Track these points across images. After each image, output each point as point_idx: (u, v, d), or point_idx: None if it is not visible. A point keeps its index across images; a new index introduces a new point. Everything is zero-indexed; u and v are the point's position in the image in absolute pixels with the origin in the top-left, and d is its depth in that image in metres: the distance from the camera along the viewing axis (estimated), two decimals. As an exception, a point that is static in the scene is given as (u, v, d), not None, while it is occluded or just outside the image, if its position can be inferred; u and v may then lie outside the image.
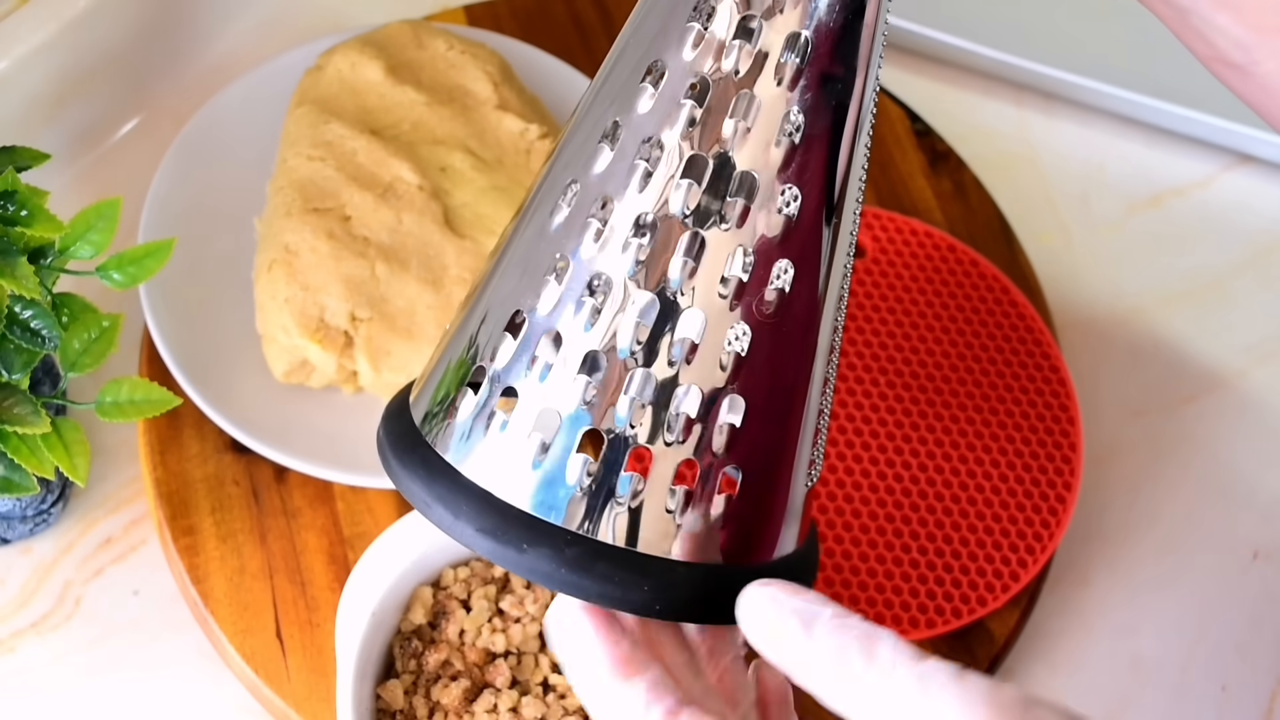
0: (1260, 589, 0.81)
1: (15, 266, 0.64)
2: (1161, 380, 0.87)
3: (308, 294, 0.75)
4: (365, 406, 0.78)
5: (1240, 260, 0.91)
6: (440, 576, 0.70)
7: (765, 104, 0.48)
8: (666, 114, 0.48)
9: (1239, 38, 0.57)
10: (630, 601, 0.48)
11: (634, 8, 0.51)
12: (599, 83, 0.51)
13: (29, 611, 0.75)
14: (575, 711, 0.67)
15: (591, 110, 0.50)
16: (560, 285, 0.48)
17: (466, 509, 0.48)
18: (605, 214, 0.48)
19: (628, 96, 0.49)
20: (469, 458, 0.49)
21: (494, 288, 0.50)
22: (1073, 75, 0.93)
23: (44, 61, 0.81)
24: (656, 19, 0.49)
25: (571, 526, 0.48)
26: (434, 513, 0.49)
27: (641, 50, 0.49)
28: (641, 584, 0.48)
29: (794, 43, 0.48)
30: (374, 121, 0.80)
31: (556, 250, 0.49)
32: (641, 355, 0.48)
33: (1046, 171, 0.93)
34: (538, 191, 0.51)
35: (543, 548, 0.47)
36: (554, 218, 0.49)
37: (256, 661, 0.73)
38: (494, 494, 0.48)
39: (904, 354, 0.82)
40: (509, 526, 0.48)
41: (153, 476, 0.77)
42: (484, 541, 0.48)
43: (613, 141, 0.49)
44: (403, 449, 0.50)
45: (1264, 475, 0.84)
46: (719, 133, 0.48)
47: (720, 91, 0.48)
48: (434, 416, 0.50)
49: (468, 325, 0.51)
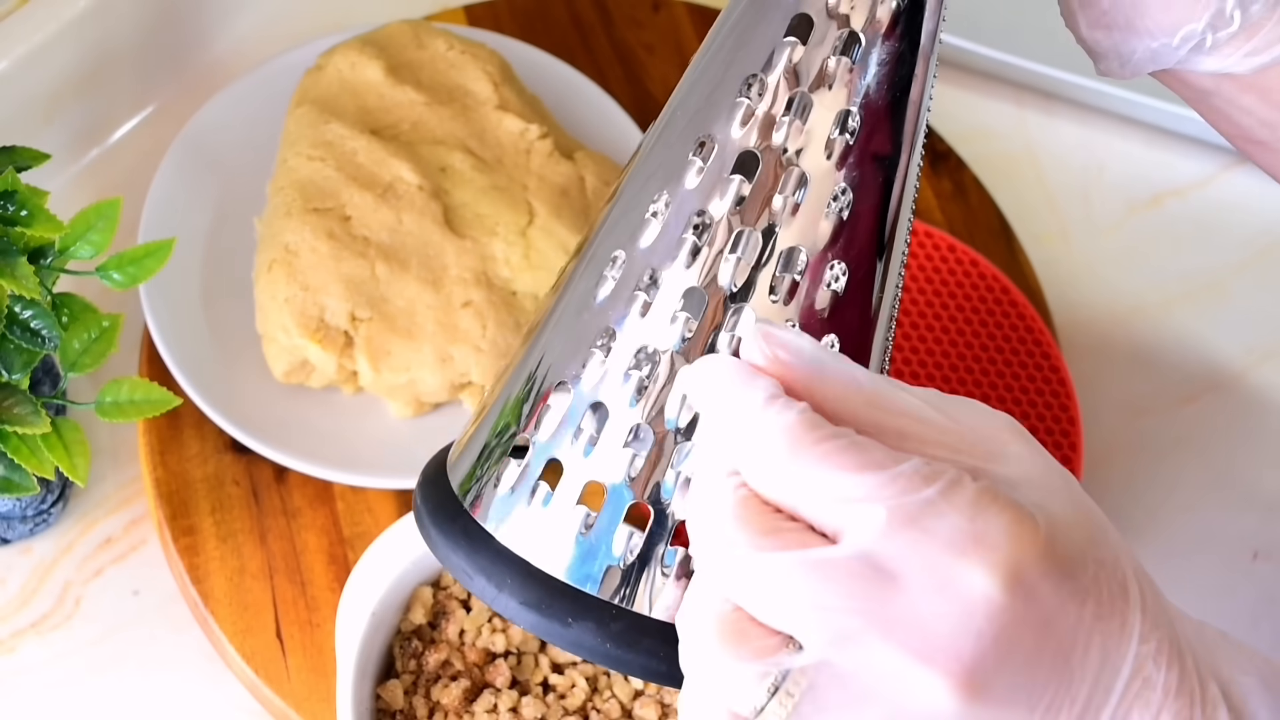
0: (1260, 589, 0.81)
1: (15, 266, 0.64)
2: (1161, 380, 0.86)
3: (308, 294, 0.75)
4: (365, 406, 0.78)
5: (1240, 260, 0.91)
6: (440, 576, 0.70)
7: (814, 179, 0.48)
8: (714, 188, 0.48)
9: (1265, 117, 0.57)
10: (675, 678, 0.48)
11: (682, 79, 0.52)
12: (645, 154, 0.51)
13: (29, 611, 0.75)
14: (575, 711, 0.67)
15: (636, 182, 0.50)
16: (606, 357, 0.48)
17: (511, 582, 0.48)
18: (653, 286, 0.48)
19: (675, 170, 0.49)
20: (510, 527, 0.49)
21: (536, 358, 0.50)
22: (1073, 75, 0.93)
23: (44, 61, 0.81)
24: (704, 92, 0.50)
25: (612, 598, 0.48)
26: (475, 584, 0.49)
27: (689, 123, 0.50)
28: None
29: (843, 120, 0.48)
30: (374, 121, 0.80)
31: (602, 323, 0.49)
32: (688, 430, 0.48)
33: (1046, 172, 0.93)
34: (581, 261, 0.51)
35: (588, 622, 0.47)
36: (599, 289, 0.49)
37: (256, 661, 0.73)
38: (537, 566, 0.48)
39: (904, 354, 0.82)
40: (553, 600, 0.48)
41: (153, 476, 0.77)
42: (528, 615, 0.48)
43: (660, 215, 0.49)
44: (443, 518, 0.50)
45: (1264, 475, 0.84)
46: (768, 208, 0.48)
47: (768, 167, 0.48)
48: (474, 483, 0.50)
49: (510, 393, 0.51)
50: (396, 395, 0.77)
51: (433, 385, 0.76)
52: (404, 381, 0.76)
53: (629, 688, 0.68)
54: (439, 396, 0.77)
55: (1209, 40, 0.55)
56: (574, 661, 0.69)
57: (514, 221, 0.78)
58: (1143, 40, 0.55)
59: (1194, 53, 0.55)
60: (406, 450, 0.76)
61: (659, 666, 0.48)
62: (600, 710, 0.67)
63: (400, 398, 0.77)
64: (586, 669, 0.68)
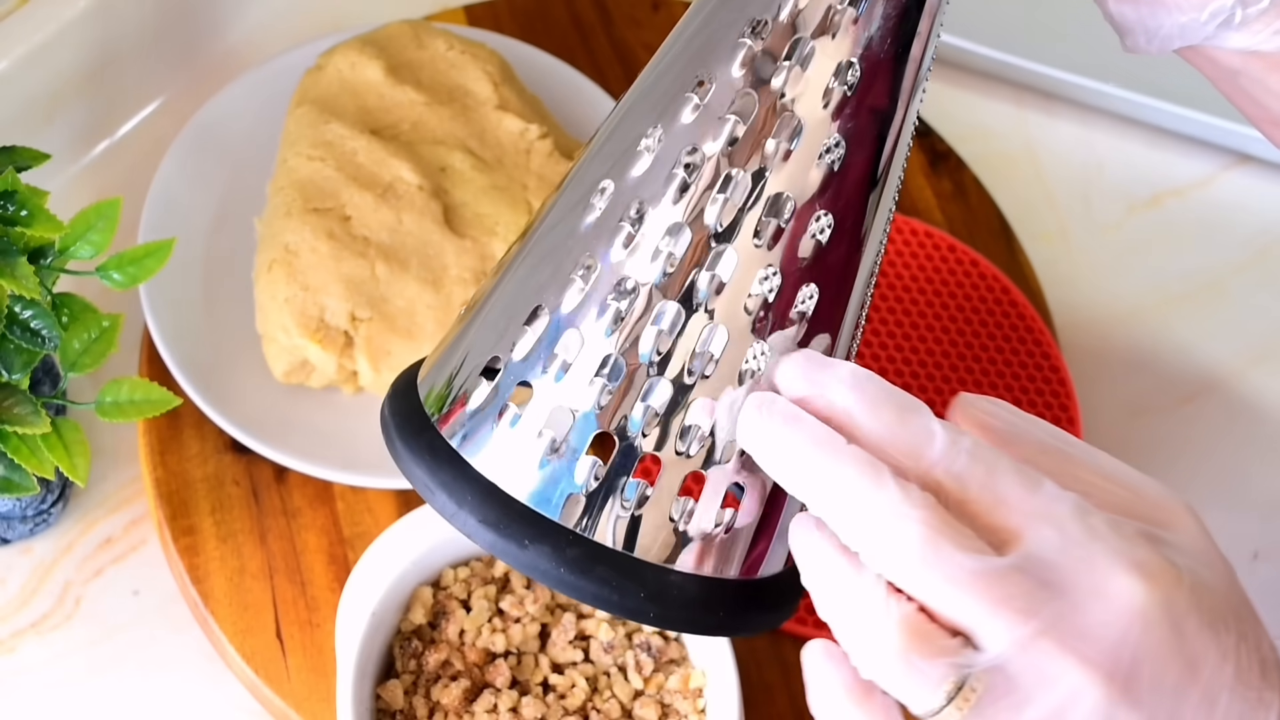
0: (1260, 589, 0.81)
1: (15, 266, 0.64)
2: (1161, 380, 0.87)
3: (308, 294, 0.75)
4: (365, 406, 0.78)
5: (1240, 260, 0.91)
6: (440, 576, 0.70)
7: (809, 127, 0.48)
8: (709, 127, 0.48)
9: None
10: (625, 607, 0.48)
11: (682, 18, 0.51)
12: (641, 87, 0.51)
13: (29, 611, 0.75)
14: (575, 711, 0.67)
15: (631, 114, 0.50)
16: (586, 286, 0.48)
17: (471, 499, 0.48)
18: (638, 220, 0.48)
19: (672, 106, 0.49)
20: (475, 446, 0.49)
21: (516, 278, 0.50)
22: (1073, 75, 0.93)
23: (44, 61, 0.81)
24: (707, 33, 0.50)
25: (571, 525, 0.48)
26: (436, 499, 0.49)
27: (689, 61, 0.49)
28: (638, 590, 0.48)
29: (843, 71, 0.48)
30: (374, 121, 0.80)
31: (585, 250, 0.49)
32: (660, 364, 0.48)
33: (1046, 172, 0.93)
34: (568, 186, 0.51)
35: (544, 545, 0.48)
36: (585, 217, 0.49)
37: (256, 661, 0.73)
38: (499, 486, 0.48)
39: (904, 354, 0.82)
40: (512, 521, 0.48)
41: (153, 476, 0.77)
42: (486, 533, 0.48)
43: (652, 148, 0.49)
44: (409, 431, 0.50)
45: (1264, 475, 0.84)
46: (760, 151, 0.48)
47: (765, 110, 0.48)
48: (443, 400, 0.50)
49: (485, 312, 0.51)
50: (396, 395, 0.77)
51: (433, 385, 0.76)
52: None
53: (629, 688, 0.68)
54: (439, 396, 0.77)
55: (1238, 15, 0.55)
56: (574, 661, 0.69)
57: (514, 221, 0.78)
58: (1171, 14, 0.55)
59: (1222, 28, 0.55)
60: (406, 450, 0.76)
61: (610, 595, 0.48)
62: (600, 710, 0.67)
63: (400, 398, 0.77)
64: (587, 669, 0.68)
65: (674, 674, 0.68)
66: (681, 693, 0.68)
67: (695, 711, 0.67)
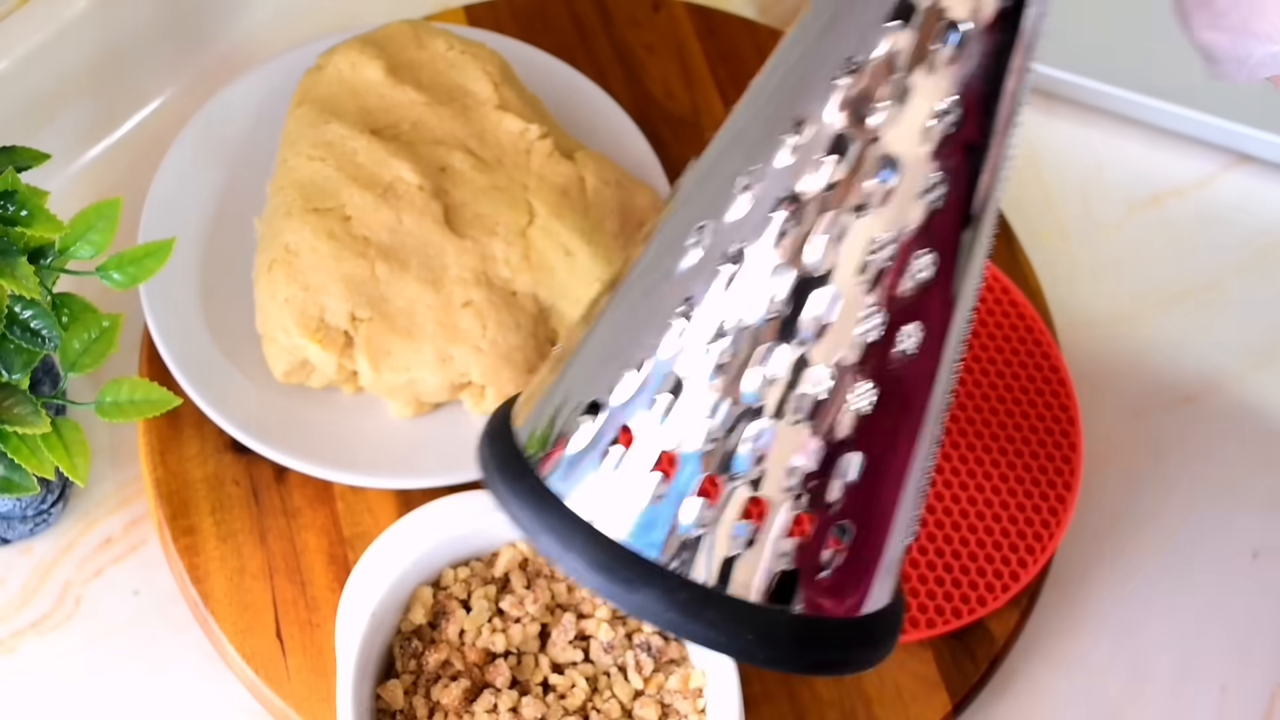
0: (1260, 589, 0.81)
1: (15, 266, 0.64)
2: (1161, 380, 0.87)
3: (308, 294, 0.75)
4: (365, 406, 0.78)
5: (1240, 260, 0.91)
6: (440, 576, 0.70)
7: (907, 167, 0.48)
8: (807, 169, 0.48)
9: None
10: (734, 648, 0.48)
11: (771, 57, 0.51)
12: (734, 127, 0.51)
13: (29, 611, 0.75)
14: (575, 711, 0.67)
15: (726, 154, 0.50)
16: (685, 328, 0.48)
17: (579, 543, 0.48)
18: (738, 261, 0.48)
19: (767, 148, 0.49)
20: (577, 490, 0.49)
21: (613, 320, 0.50)
22: (1073, 75, 0.93)
23: (44, 61, 0.81)
24: (799, 73, 0.49)
25: (676, 567, 0.48)
26: (542, 543, 0.49)
27: (783, 102, 0.49)
28: (746, 633, 0.48)
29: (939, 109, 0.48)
30: (374, 121, 0.80)
31: (684, 293, 0.49)
32: (765, 406, 0.48)
33: (1046, 171, 0.93)
34: (662, 228, 0.51)
35: (654, 589, 0.48)
36: (681, 260, 0.49)
37: (256, 661, 0.73)
38: (602, 530, 0.48)
39: (904, 354, 0.82)
40: (621, 565, 0.48)
41: (153, 476, 0.77)
42: (595, 577, 0.48)
43: (749, 191, 0.49)
44: (511, 474, 0.50)
45: (1264, 475, 0.84)
46: (859, 192, 0.48)
47: (862, 151, 0.48)
48: (543, 441, 0.50)
49: (584, 354, 0.51)
50: (396, 395, 0.77)
51: (433, 385, 0.76)
52: (404, 381, 0.76)
53: (629, 688, 0.68)
54: (439, 396, 0.77)
55: None
56: (574, 661, 0.69)
57: (514, 221, 0.78)
58: (1261, 44, 0.54)
59: None
60: (406, 450, 0.77)
61: (718, 637, 0.48)
62: (600, 710, 0.67)
63: (400, 398, 0.77)
64: (586, 669, 0.68)
65: (674, 674, 0.68)
66: (681, 693, 0.68)
67: (695, 711, 0.67)
